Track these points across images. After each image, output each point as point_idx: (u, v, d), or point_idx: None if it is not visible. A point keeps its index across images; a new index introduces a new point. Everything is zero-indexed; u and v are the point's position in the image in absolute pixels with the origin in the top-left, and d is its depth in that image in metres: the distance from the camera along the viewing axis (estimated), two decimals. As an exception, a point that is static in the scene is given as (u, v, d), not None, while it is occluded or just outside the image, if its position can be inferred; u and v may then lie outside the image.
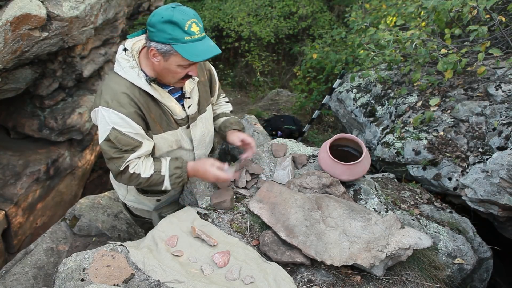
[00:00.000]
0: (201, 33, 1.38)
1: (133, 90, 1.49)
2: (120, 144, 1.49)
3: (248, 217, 1.70)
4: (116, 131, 1.47)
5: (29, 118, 3.88)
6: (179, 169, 1.64)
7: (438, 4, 2.52)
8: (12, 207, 3.48)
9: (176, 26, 1.33)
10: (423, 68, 2.91)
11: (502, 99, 2.29)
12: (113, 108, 1.45)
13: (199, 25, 1.38)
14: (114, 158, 1.52)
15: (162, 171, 1.62)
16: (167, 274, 1.34)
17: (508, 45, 2.63)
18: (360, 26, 3.84)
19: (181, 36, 1.34)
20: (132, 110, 1.47)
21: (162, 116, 1.59)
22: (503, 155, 1.90)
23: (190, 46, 1.36)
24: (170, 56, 1.40)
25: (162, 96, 1.55)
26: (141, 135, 1.54)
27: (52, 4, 2.96)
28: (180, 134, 1.69)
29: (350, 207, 1.63)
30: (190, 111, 1.68)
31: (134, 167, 1.56)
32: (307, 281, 1.44)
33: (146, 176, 1.58)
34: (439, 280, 1.61)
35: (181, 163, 1.66)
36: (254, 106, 6.57)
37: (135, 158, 1.55)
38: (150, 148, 1.59)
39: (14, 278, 2.18)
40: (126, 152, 1.52)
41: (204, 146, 1.86)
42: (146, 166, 1.59)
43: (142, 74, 1.49)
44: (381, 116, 2.91)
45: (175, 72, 1.45)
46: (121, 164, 1.53)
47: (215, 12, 8.09)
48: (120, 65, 1.50)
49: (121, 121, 1.46)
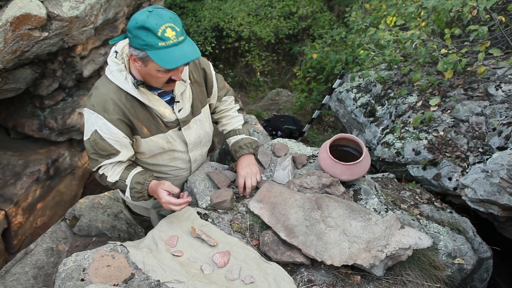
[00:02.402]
0: (177, 38, 1.32)
1: (120, 95, 1.50)
2: (97, 147, 1.54)
3: (248, 217, 1.70)
4: (96, 134, 1.51)
5: (29, 118, 3.88)
6: (140, 185, 1.61)
7: (438, 4, 2.52)
8: (12, 207, 3.48)
9: (149, 32, 1.28)
10: (423, 68, 2.91)
11: (502, 99, 2.29)
12: (97, 112, 1.48)
13: (175, 29, 1.31)
14: (91, 158, 1.60)
15: (126, 181, 1.63)
16: (167, 274, 1.34)
17: (508, 45, 2.64)
18: (360, 26, 3.84)
19: (155, 42, 1.29)
20: (115, 117, 1.49)
21: (151, 119, 1.58)
22: (503, 155, 1.90)
23: (164, 52, 1.31)
24: (148, 62, 1.38)
25: (150, 99, 1.54)
26: (121, 143, 1.55)
27: (52, 4, 2.96)
28: (170, 136, 1.67)
29: (350, 207, 1.63)
30: (181, 115, 1.64)
31: (104, 169, 1.61)
32: (307, 281, 1.44)
33: (112, 181, 1.62)
34: (439, 280, 1.61)
35: (144, 179, 1.62)
36: (254, 106, 6.57)
37: (108, 163, 1.60)
38: (126, 158, 1.61)
39: (14, 278, 2.18)
40: (101, 156, 1.57)
41: (200, 147, 1.84)
42: (114, 171, 1.62)
43: (130, 78, 1.48)
44: (381, 116, 2.91)
45: (156, 77, 1.43)
46: (94, 165, 1.60)
47: (215, 12, 8.08)
48: (109, 68, 1.51)
49: (103, 126, 1.49)
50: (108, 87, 1.50)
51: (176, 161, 1.78)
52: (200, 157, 1.91)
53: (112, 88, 1.49)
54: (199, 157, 1.89)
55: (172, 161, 1.77)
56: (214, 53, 8.18)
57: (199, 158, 1.90)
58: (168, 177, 1.84)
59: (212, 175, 1.89)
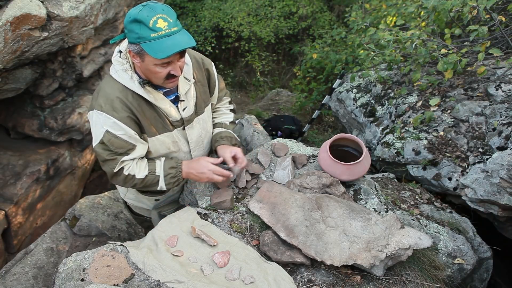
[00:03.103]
0: (169, 28, 1.32)
1: (126, 94, 1.49)
2: (113, 146, 1.51)
3: (248, 217, 1.70)
4: (109, 134, 1.48)
5: (29, 118, 3.88)
6: (174, 169, 1.63)
7: (438, 4, 2.52)
8: (12, 207, 3.48)
9: (141, 24, 1.30)
10: (423, 68, 2.91)
11: (502, 99, 2.29)
12: (106, 112, 1.47)
13: (168, 20, 1.31)
14: (108, 160, 1.54)
15: (156, 172, 1.61)
16: (167, 274, 1.34)
17: (508, 45, 2.64)
18: (360, 26, 3.84)
19: (147, 33, 1.30)
20: (125, 115, 1.48)
21: (157, 118, 1.58)
22: (503, 155, 1.90)
23: (157, 43, 1.31)
24: (144, 56, 1.38)
25: (156, 98, 1.54)
26: (135, 138, 1.54)
27: (52, 4, 2.96)
28: (176, 135, 1.68)
29: (350, 207, 1.63)
30: (185, 114, 1.65)
31: (129, 169, 1.57)
32: (307, 281, 1.44)
33: (141, 177, 1.59)
34: (439, 280, 1.61)
35: (176, 162, 1.65)
36: (254, 106, 6.57)
37: (128, 160, 1.56)
38: (144, 151, 1.60)
39: (14, 278, 2.18)
40: (120, 154, 1.53)
41: (202, 147, 1.84)
42: (140, 167, 1.59)
43: (136, 77, 1.48)
44: (381, 116, 2.91)
45: (155, 72, 1.42)
46: (114, 166, 1.54)
47: (215, 12, 8.08)
48: (114, 68, 1.51)
49: (114, 124, 1.48)
50: (113, 86, 1.49)
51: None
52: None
53: (118, 87, 1.49)
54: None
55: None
56: (214, 53, 8.19)
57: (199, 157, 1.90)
58: None
59: (212, 175, 1.89)
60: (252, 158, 2.08)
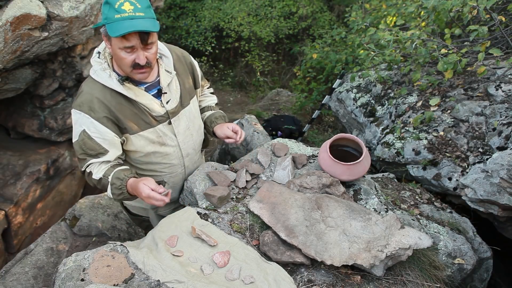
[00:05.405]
0: (134, 12, 1.34)
1: (105, 93, 1.51)
2: (85, 147, 1.54)
3: (248, 217, 1.70)
4: (84, 134, 1.52)
5: (29, 118, 3.89)
6: (120, 180, 1.55)
7: (438, 4, 2.52)
8: (12, 207, 3.48)
9: (110, 6, 1.34)
10: (423, 68, 2.91)
11: (502, 99, 2.29)
12: (84, 112, 1.50)
13: (134, 4, 1.34)
14: (80, 159, 1.59)
15: (108, 178, 1.59)
16: (167, 274, 1.34)
17: (508, 45, 2.64)
18: (360, 26, 3.84)
19: (112, 15, 1.34)
20: (102, 115, 1.51)
21: (138, 114, 1.59)
22: (503, 155, 1.90)
23: (118, 23, 1.33)
24: (110, 39, 1.41)
25: (136, 94, 1.55)
26: (109, 141, 1.55)
27: (52, 4, 2.96)
28: (160, 131, 1.67)
29: (350, 207, 1.63)
30: (169, 106, 1.66)
31: (91, 167, 1.60)
32: (307, 281, 1.44)
33: (97, 178, 1.59)
34: (439, 280, 1.61)
35: (125, 175, 1.57)
36: (254, 106, 6.57)
37: (96, 162, 1.59)
38: (114, 157, 1.60)
39: (14, 278, 2.18)
40: (90, 156, 1.57)
41: (191, 140, 1.84)
42: (99, 169, 1.60)
43: (114, 75, 1.51)
44: (381, 116, 2.91)
45: (121, 57, 1.44)
46: (83, 165, 1.59)
47: (215, 12, 8.08)
48: (93, 68, 1.54)
49: (91, 125, 1.51)
50: (92, 86, 1.52)
51: (169, 157, 1.78)
52: (192, 151, 1.88)
53: (96, 87, 1.52)
54: (191, 151, 1.87)
55: (164, 158, 1.77)
56: (214, 53, 8.19)
57: (192, 152, 1.88)
58: (163, 175, 1.83)
59: (212, 175, 1.89)
60: (252, 158, 2.08)
